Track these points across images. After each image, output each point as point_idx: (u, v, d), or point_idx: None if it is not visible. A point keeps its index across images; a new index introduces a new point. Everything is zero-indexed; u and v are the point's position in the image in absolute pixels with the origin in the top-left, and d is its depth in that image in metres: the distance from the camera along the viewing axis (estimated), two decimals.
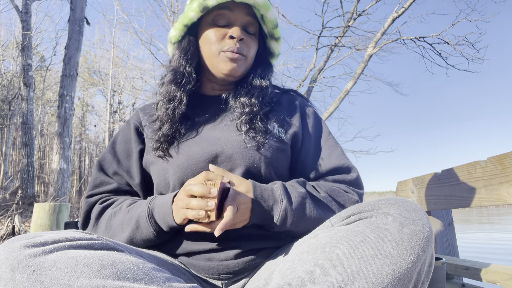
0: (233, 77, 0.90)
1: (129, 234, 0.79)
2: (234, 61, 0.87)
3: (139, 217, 0.79)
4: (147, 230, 0.77)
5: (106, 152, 0.95)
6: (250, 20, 0.89)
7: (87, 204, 0.90)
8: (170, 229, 0.77)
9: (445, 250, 1.76)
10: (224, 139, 0.84)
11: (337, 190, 0.84)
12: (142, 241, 0.79)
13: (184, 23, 0.90)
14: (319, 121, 0.96)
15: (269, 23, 0.90)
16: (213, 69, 0.90)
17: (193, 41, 0.92)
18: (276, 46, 0.96)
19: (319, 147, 0.92)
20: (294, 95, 1.00)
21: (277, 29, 0.92)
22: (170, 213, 0.75)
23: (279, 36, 0.94)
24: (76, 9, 6.40)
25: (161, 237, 0.79)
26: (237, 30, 0.86)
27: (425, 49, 7.59)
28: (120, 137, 0.96)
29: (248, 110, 0.87)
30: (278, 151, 0.86)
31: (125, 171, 0.92)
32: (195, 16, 0.88)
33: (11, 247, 0.52)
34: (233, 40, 0.86)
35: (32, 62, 8.97)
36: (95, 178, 0.92)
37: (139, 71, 14.11)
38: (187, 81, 0.89)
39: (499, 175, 1.21)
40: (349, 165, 0.90)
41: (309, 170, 0.90)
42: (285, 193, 0.76)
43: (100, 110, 19.79)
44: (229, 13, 0.87)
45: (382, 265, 0.54)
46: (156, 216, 0.77)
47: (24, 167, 8.08)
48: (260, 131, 0.84)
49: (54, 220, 2.36)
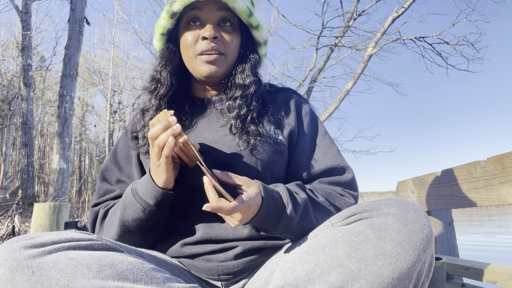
0: (215, 78, 0.87)
1: (120, 217, 0.79)
2: (211, 63, 0.84)
3: (125, 198, 0.79)
4: (134, 206, 0.77)
5: (108, 161, 0.94)
6: (223, 14, 0.85)
7: (93, 213, 0.89)
8: (156, 200, 0.75)
9: (445, 250, 1.76)
10: (217, 144, 0.83)
11: (334, 194, 0.83)
12: (134, 221, 0.78)
13: (160, 32, 0.89)
14: (315, 120, 0.95)
15: (242, 14, 0.85)
16: (193, 72, 0.88)
17: (173, 47, 0.90)
18: (259, 34, 0.91)
19: (314, 147, 0.91)
20: (290, 93, 0.98)
21: (253, 17, 0.87)
22: (150, 179, 0.75)
23: (258, 23, 0.88)
24: (76, 9, 6.40)
25: (151, 214, 0.77)
26: (209, 28, 0.83)
27: (425, 49, 7.58)
28: (120, 144, 0.96)
29: (235, 113, 0.84)
30: (275, 154, 0.84)
31: (127, 177, 0.91)
32: (167, 23, 0.87)
33: (11, 248, 0.52)
34: (207, 41, 0.83)
35: (32, 62, 8.97)
36: (99, 188, 0.92)
37: (139, 71, 14.11)
38: (165, 87, 0.88)
39: (499, 175, 1.20)
40: (344, 166, 0.89)
41: (303, 169, 0.88)
42: (290, 199, 0.74)
43: (100, 110, 19.80)
44: (199, 13, 0.85)
45: (382, 266, 0.54)
46: (139, 191, 0.77)
47: (24, 167, 8.08)
48: (254, 134, 0.82)
49: (54, 220, 2.36)
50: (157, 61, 0.91)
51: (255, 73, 0.90)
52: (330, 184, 0.86)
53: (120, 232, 0.79)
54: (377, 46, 8.05)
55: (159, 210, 0.77)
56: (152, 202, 0.75)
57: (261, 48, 0.94)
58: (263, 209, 0.69)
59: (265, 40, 0.93)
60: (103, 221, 0.86)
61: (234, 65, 0.90)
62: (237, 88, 0.87)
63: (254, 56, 0.91)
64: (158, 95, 0.87)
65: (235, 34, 0.88)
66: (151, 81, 0.89)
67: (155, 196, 0.75)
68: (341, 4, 8.11)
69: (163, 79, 0.88)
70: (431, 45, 7.44)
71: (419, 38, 7.46)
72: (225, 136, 0.84)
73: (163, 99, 0.88)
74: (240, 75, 0.88)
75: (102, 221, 0.86)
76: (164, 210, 0.78)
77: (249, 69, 0.89)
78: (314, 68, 9.50)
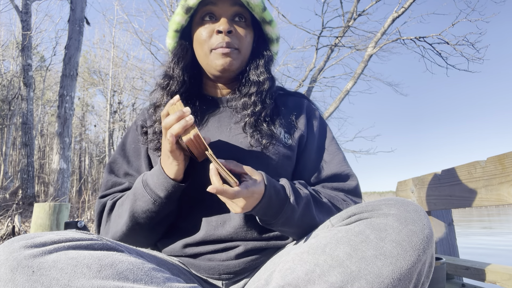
0: (229, 72, 0.86)
1: (129, 209, 0.78)
2: (226, 55, 0.83)
3: (135, 190, 0.79)
4: (145, 198, 0.77)
5: (116, 154, 0.94)
6: (237, 9, 0.86)
7: (100, 204, 0.89)
8: (167, 191, 0.75)
9: (445, 250, 1.76)
10: (229, 142, 0.83)
11: (336, 198, 0.83)
12: (143, 213, 0.77)
13: (174, 29, 0.89)
14: (324, 126, 0.95)
15: (256, 8, 0.85)
16: (207, 68, 0.88)
17: (186, 44, 0.90)
18: (272, 30, 0.91)
19: (321, 152, 0.91)
20: (301, 98, 0.98)
21: (267, 12, 0.87)
22: (161, 170, 0.75)
23: (271, 19, 0.89)
24: (76, 9, 6.40)
25: (161, 206, 0.77)
26: (223, 22, 0.83)
27: (425, 49, 7.58)
28: (130, 138, 0.95)
29: (250, 110, 0.84)
30: (284, 158, 0.85)
31: (136, 171, 0.91)
32: (181, 19, 0.87)
33: (11, 248, 0.52)
34: (221, 35, 0.83)
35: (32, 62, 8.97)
36: (107, 181, 0.92)
37: (139, 71, 14.11)
38: (178, 84, 0.88)
39: (499, 175, 1.21)
40: (349, 173, 0.89)
41: (308, 174, 0.89)
42: (293, 191, 0.74)
43: (100, 110, 19.80)
44: (214, 8, 0.85)
45: (383, 266, 0.54)
46: (150, 183, 0.77)
47: (24, 167, 8.08)
48: (266, 134, 0.83)
49: (54, 220, 2.36)
50: (169, 58, 0.91)
51: (268, 70, 0.90)
52: (333, 189, 0.87)
53: (129, 224, 0.79)
54: (377, 46, 8.05)
55: (169, 203, 0.77)
56: (163, 194, 0.75)
57: (273, 46, 0.94)
58: (266, 198, 0.70)
59: (277, 36, 0.93)
60: (110, 212, 0.86)
61: (248, 62, 0.90)
62: (252, 85, 0.87)
63: (267, 53, 0.91)
64: (170, 91, 0.88)
65: (249, 30, 0.88)
66: (164, 78, 0.90)
67: (166, 188, 0.75)
68: (341, 4, 8.12)
69: (176, 76, 0.88)
70: (431, 45, 7.44)
71: (419, 38, 7.46)
72: (237, 135, 0.84)
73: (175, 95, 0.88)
74: (255, 71, 0.88)
75: (110, 212, 0.86)
76: (173, 204, 0.78)
77: (262, 66, 0.89)
78: (314, 68, 9.50)
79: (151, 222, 0.79)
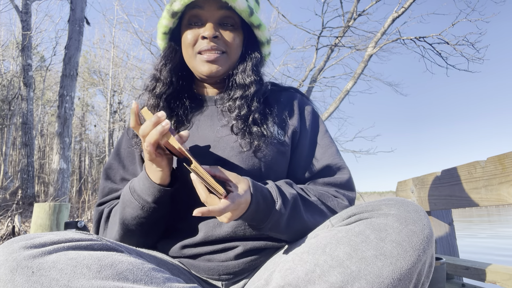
0: (216, 77, 0.87)
1: (120, 216, 0.79)
2: (212, 62, 0.83)
3: (124, 197, 0.79)
4: (133, 204, 0.77)
5: (111, 160, 0.94)
6: (224, 13, 0.84)
7: (97, 212, 0.89)
8: (154, 196, 0.75)
9: (445, 250, 1.76)
10: (219, 143, 0.83)
11: (326, 195, 0.82)
12: (133, 219, 0.77)
13: (162, 32, 0.89)
14: (317, 120, 0.95)
15: (243, 13, 0.84)
16: (194, 71, 0.88)
17: (175, 46, 0.90)
18: (261, 33, 0.89)
19: (314, 146, 0.91)
20: (293, 92, 0.97)
21: (254, 16, 0.85)
22: (146, 176, 0.75)
23: (259, 23, 0.87)
24: (76, 9, 6.40)
25: (150, 212, 0.76)
26: (209, 28, 0.83)
27: (425, 49, 7.59)
28: (123, 142, 0.95)
29: (235, 114, 0.84)
30: (278, 155, 0.84)
31: (132, 175, 0.91)
32: (168, 23, 0.87)
33: (11, 248, 0.52)
34: (206, 40, 0.83)
35: (32, 62, 8.97)
36: (103, 187, 0.92)
37: (139, 71, 14.10)
38: (164, 85, 0.87)
39: (499, 175, 1.20)
40: (341, 165, 0.88)
41: (302, 168, 0.88)
42: (279, 194, 0.73)
43: (100, 110, 19.79)
44: (200, 12, 0.84)
45: (383, 266, 0.54)
46: (137, 189, 0.77)
47: (24, 167, 8.08)
48: (257, 135, 0.82)
49: (54, 220, 2.36)
50: (158, 60, 0.91)
51: (256, 73, 0.89)
52: (324, 185, 0.86)
53: (120, 232, 0.79)
54: (377, 46, 8.05)
55: (158, 208, 0.77)
56: (150, 199, 0.75)
57: (264, 47, 0.93)
58: (253, 206, 0.69)
59: (267, 39, 0.92)
60: (107, 220, 0.86)
61: (236, 65, 0.89)
62: (237, 88, 0.87)
63: (255, 55, 0.90)
64: (155, 94, 0.87)
65: (237, 33, 0.87)
66: (151, 80, 0.90)
67: (153, 193, 0.75)
68: (341, 4, 8.12)
69: (163, 78, 0.88)
70: (431, 45, 7.45)
71: (419, 38, 7.46)
72: (227, 136, 0.84)
73: (161, 98, 0.87)
74: (241, 75, 0.87)
75: (107, 220, 0.86)
76: (163, 208, 0.78)
77: (250, 69, 0.88)
78: (314, 68, 9.50)
79: (142, 228, 0.79)
